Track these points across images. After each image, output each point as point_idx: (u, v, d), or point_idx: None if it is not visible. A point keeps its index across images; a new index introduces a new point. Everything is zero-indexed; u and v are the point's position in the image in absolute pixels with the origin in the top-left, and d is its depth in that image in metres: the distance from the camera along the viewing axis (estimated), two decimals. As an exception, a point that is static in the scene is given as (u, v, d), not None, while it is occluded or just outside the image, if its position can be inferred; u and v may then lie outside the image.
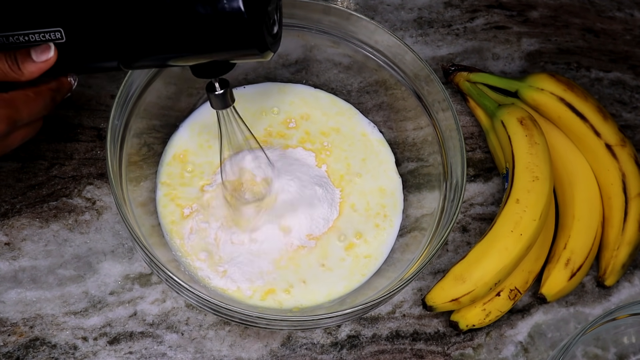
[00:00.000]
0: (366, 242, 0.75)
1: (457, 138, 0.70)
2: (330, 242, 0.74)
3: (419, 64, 0.73)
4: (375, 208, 0.76)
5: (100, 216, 0.75)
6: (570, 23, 0.93)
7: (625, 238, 0.78)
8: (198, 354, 0.71)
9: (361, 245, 0.74)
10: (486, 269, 0.72)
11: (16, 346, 0.69)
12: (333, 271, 0.73)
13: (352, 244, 0.74)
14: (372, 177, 0.78)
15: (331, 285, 0.72)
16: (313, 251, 0.73)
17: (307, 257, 0.73)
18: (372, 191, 0.77)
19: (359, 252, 0.74)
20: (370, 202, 0.76)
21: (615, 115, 0.89)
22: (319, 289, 0.72)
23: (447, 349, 0.75)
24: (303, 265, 0.72)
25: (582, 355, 0.75)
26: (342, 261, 0.73)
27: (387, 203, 0.77)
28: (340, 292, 0.72)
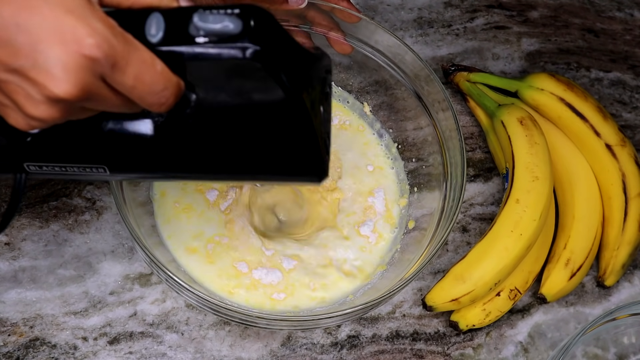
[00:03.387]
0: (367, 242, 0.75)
1: (457, 138, 0.70)
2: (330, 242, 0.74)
3: (419, 64, 0.73)
4: (375, 207, 0.76)
5: (100, 216, 0.75)
6: (570, 23, 0.93)
7: (625, 238, 0.78)
8: (198, 354, 0.71)
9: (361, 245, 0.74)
10: (486, 269, 0.72)
11: (16, 346, 0.69)
12: (333, 271, 0.73)
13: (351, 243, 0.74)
14: (371, 174, 0.77)
15: (331, 286, 0.72)
16: (314, 251, 0.73)
17: (308, 257, 0.73)
18: (373, 191, 0.77)
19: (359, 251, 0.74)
20: (371, 201, 0.76)
21: (615, 115, 0.89)
22: (319, 288, 0.72)
23: (447, 349, 0.75)
24: (304, 265, 0.73)
25: (582, 355, 0.75)
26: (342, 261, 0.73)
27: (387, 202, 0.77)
28: (340, 292, 0.72)
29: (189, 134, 0.52)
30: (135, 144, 0.52)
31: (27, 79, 0.44)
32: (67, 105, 0.45)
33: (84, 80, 0.44)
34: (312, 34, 0.75)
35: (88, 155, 0.53)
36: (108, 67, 0.44)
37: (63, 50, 0.43)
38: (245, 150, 0.52)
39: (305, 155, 0.52)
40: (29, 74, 0.44)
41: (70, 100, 0.44)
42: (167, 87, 0.47)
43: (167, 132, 0.52)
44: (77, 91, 0.44)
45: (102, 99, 0.46)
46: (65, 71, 0.43)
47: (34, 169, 0.53)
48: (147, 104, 0.47)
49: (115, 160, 0.53)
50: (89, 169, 0.53)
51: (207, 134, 0.52)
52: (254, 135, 0.51)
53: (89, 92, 0.45)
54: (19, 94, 0.45)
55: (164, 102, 0.47)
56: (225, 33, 0.45)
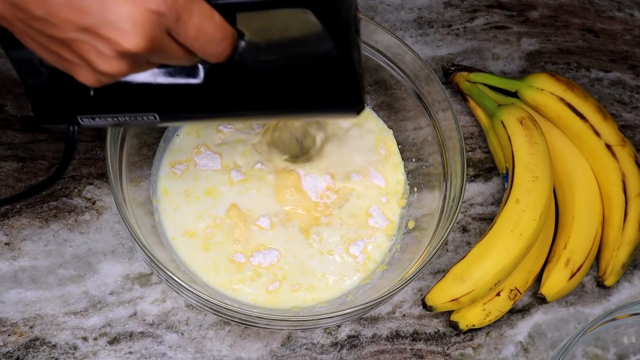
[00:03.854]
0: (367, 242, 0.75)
1: (457, 138, 0.70)
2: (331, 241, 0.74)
3: (419, 64, 0.73)
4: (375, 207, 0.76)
5: (100, 216, 0.75)
6: (570, 23, 0.93)
7: (625, 238, 0.78)
8: (198, 354, 0.71)
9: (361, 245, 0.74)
10: (486, 269, 0.72)
11: (16, 346, 0.69)
12: (333, 271, 0.73)
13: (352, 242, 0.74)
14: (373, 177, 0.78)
15: (331, 285, 0.72)
16: (314, 250, 0.73)
17: (309, 257, 0.73)
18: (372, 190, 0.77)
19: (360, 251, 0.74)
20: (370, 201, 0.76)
21: (615, 115, 0.89)
22: (319, 288, 0.72)
23: (447, 349, 0.75)
24: (304, 265, 0.73)
25: (582, 355, 0.75)
26: (342, 260, 0.73)
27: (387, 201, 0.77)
28: (340, 291, 0.72)
29: (236, 78, 0.55)
30: (184, 91, 0.55)
31: (97, 36, 0.46)
32: (135, 59, 0.48)
33: (152, 33, 0.46)
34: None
35: (140, 104, 0.56)
36: (173, 20, 0.47)
37: (131, 6, 0.45)
38: (289, 88, 0.55)
39: (346, 90, 0.55)
40: (100, 31, 0.46)
41: (139, 54, 0.47)
42: (225, 37, 0.49)
43: (215, 77, 0.55)
44: (146, 44, 0.46)
45: (166, 51, 0.48)
46: (134, 25, 0.46)
47: (87, 121, 0.57)
48: (207, 55, 0.50)
49: (165, 107, 0.56)
50: (140, 117, 0.56)
51: (253, 77, 0.55)
52: (298, 74, 0.54)
53: (156, 45, 0.47)
54: (89, 51, 0.47)
55: (222, 52, 0.50)
56: None
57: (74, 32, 0.46)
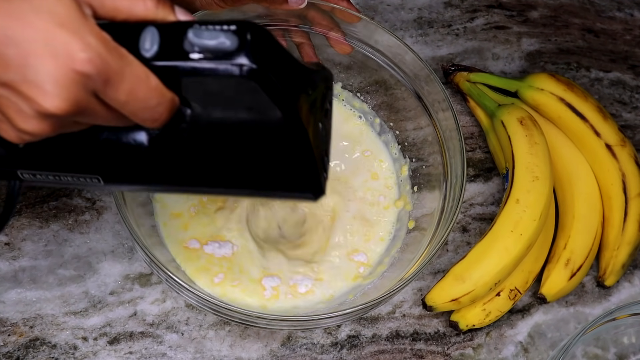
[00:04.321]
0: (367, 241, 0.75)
1: (457, 138, 0.70)
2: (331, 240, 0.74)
3: (419, 64, 0.73)
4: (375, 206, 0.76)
5: (100, 216, 0.75)
6: (570, 23, 0.93)
7: (625, 238, 0.78)
8: (198, 354, 0.71)
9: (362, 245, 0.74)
10: (486, 269, 0.72)
11: (16, 346, 0.69)
12: (333, 270, 0.73)
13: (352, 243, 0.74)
14: (372, 177, 0.78)
15: (331, 285, 0.72)
16: (314, 250, 0.73)
17: (310, 256, 0.73)
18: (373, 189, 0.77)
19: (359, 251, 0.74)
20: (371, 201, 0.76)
21: (615, 115, 0.89)
22: (319, 288, 0.72)
23: (447, 349, 0.75)
24: (304, 264, 0.73)
25: (582, 355, 0.75)
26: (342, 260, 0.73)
27: (387, 200, 0.77)
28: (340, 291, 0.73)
29: (184, 148, 0.51)
30: (129, 155, 0.51)
31: (17, 92, 0.43)
32: (58, 120, 0.45)
33: (76, 95, 0.43)
34: (312, 34, 0.75)
35: (82, 164, 0.52)
36: (100, 83, 0.43)
37: (54, 65, 0.42)
38: (240, 165, 0.51)
39: (301, 172, 0.51)
40: (19, 87, 0.43)
41: (61, 115, 0.44)
42: (161, 102, 0.46)
43: (162, 144, 0.51)
44: (68, 106, 0.43)
45: (94, 114, 0.45)
46: (56, 86, 0.42)
47: (28, 177, 0.53)
48: (140, 120, 0.46)
49: (109, 171, 0.52)
50: (83, 178, 0.53)
51: (202, 148, 0.51)
52: (250, 151, 0.50)
53: (81, 107, 0.44)
54: (9, 107, 0.44)
55: (158, 118, 0.47)
56: (221, 50, 0.44)
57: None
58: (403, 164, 0.78)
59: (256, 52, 0.44)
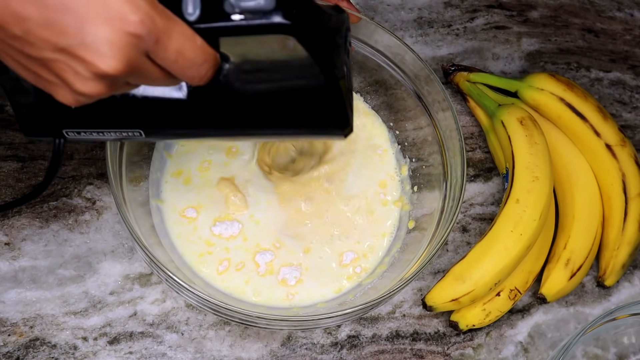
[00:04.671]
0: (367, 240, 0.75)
1: (457, 138, 0.70)
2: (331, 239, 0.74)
3: (419, 64, 0.73)
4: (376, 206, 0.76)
5: (100, 216, 0.75)
6: (570, 23, 0.93)
7: (625, 238, 0.78)
8: (198, 354, 0.71)
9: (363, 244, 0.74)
10: (486, 269, 0.72)
11: (16, 346, 0.69)
12: (333, 270, 0.73)
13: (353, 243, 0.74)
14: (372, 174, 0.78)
15: (331, 284, 0.72)
16: (314, 249, 0.73)
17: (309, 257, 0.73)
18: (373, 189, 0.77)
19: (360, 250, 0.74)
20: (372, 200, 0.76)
21: (615, 115, 0.89)
22: (319, 288, 0.72)
23: (447, 349, 0.75)
24: (304, 264, 0.73)
25: (582, 355, 0.75)
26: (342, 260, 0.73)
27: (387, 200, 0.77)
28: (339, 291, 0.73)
29: (221, 99, 0.55)
30: (169, 109, 0.55)
31: (75, 57, 0.45)
32: (112, 81, 0.47)
33: (130, 56, 0.46)
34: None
35: (125, 121, 0.56)
36: (152, 43, 0.46)
37: (109, 28, 0.45)
38: (274, 110, 0.56)
39: (331, 112, 0.55)
40: (76, 52, 0.45)
41: (116, 76, 0.46)
42: (206, 60, 0.49)
43: (200, 98, 0.55)
44: (123, 67, 0.46)
45: (145, 74, 0.48)
46: (111, 48, 0.45)
47: (73, 135, 0.57)
48: (187, 77, 0.49)
49: (150, 124, 0.57)
50: (125, 132, 0.57)
51: (238, 98, 0.55)
52: (283, 97, 0.55)
53: (134, 67, 0.47)
54: (67, 72, 0.46)
55: (204, 75, 0.49)
56: (259, 9, 0.48)
57: (51, 52, 0.46)
58: (403, 164, 0.78)
59: (291, 9, 0.48)
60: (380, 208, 0.76)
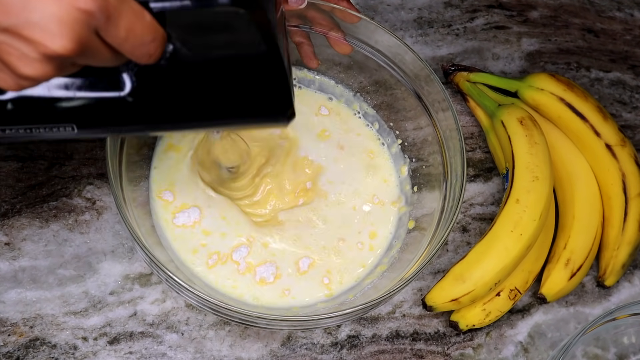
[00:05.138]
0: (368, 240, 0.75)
1: (457, 138, 0.70)
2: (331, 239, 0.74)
3: (419, 64, 0.73)
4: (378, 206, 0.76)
5: (100, 216, 0.75)
6: (570, 23, 0.93)
7: (625, 238, 0.78)
8: (198, 354, 0.71)
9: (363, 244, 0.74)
10: (486, 269, 0.72)
11: (16, 346, 0.69)
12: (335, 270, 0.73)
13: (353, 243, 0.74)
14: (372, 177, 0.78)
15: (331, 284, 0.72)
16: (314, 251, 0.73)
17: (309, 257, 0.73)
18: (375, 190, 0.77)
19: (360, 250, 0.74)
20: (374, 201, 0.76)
21: (615, 115, 0.89)
22: (320, 287, 0.72)
23: (447, 349, 0.75)
24: (304, 263, 0.73)
25: (582, 355, 0.75)
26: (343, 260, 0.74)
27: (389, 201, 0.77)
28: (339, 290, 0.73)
29: (162, 86, 0.52)
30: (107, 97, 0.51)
31: (20, 37, 0.43)
32: (61, 62, 0.45)
33: (80, 34, 0.43)
34: (312, 34, 0.75)
35: (56, 115, 0.52)
36: (103, 20, 0.44)
37: (57, 5, 0.42)
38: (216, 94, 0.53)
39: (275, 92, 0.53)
40: (22, 32, 0.43)
41: (66, 56, 0.44)
42: (155, 37, 0.47)
43: (140, 85, 0.52)
44: (74, 45, 0.43)
45: (94, 53, 0.45)
46: (61, 26, 0.42)
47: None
48: (136, 56, 0.47)
49: (84, 118, 0.52)
50: (56, 128, 0.52)
51: (180, 83, 0.52)
52: (227, 80, 0.52)
53: (84, 46, 0.44)
54: (10, 54, 0.44)
55: (153, 53, 0.47)
56: None
57: None
58: (403, 164, 0.78)
59: None
60: (380, 208, 0.76)
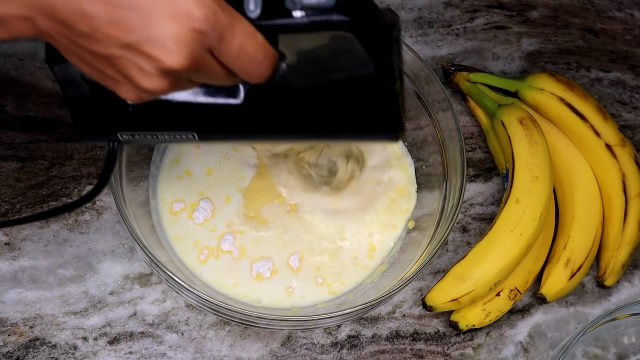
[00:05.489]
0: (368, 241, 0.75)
1: (457, 138, 0.70)
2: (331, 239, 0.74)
3: (419, 64, 0.73)
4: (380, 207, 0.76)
5: (100, 216, 0.75)
6: (570, 23, 0.93)
7: (625, 238, 0.78)
8: (198, 354, 0.71)
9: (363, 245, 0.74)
10: (486, 269, 0.72)
11: (16, 346, 0.69)
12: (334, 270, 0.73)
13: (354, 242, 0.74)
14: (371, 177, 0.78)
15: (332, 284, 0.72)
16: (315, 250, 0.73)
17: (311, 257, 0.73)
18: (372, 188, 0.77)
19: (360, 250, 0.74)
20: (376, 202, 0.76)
21: (615, 115, 0.89)
22: (320, 287, 0.72)
23: (447, 349, 0.75)
24: (305, 263, 0.73)
25: (582, 355, 0.75)
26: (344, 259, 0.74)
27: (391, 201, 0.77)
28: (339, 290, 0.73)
29: (275, 100, 0.55)
30: (224, 110, 0.56)
31: (140, 53, 0.46)
32: (176, 77, 0.48)
33: (195, 51, 0.47)
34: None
35: (179, 123, 0.56)
36: (215, 39, 0.47)
37: (174, 24, 0.45)
38: (328, 111, 0.55)
39: (385, 113, 0.55)
40: (142, 48, 0.46)
41: (181, 72, 0.47)
42: (267, 57, 0.49)
43: (255, 98, 0.55)
44: (188, 62, 0.47)
45: (207, 70, 0.49)
46: (177, 44, 0.46)
47: (127, 138, 0.57)
48: (248, 75, 0.50)
49: (204, 127, 0.57)
50: (179, 135, 0.57)
51: (293, 99, 0.55)
52: (338, 97, 0.54)
53: (198, 63, 0.47)
54: (131, 68, 0.47)
55: (263, 73, 0.50)
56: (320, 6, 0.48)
57: (117, 48, 0.46)
58: (403, 164, 0.78)
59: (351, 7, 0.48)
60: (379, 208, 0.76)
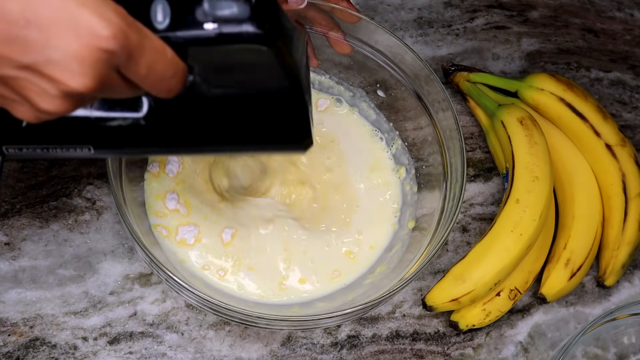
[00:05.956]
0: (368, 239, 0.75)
1: (457, 138, 0.70)
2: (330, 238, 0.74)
3: (419, 64, 0.73)
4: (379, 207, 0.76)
5: (100, 216, 0.75)
6: (570, 23, 0.93)
7: (625, 238, 0.78)
8: (198, 354, 0.72)
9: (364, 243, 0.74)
10: (486, 269, 0.72)
11: (16, 346, 0.69)
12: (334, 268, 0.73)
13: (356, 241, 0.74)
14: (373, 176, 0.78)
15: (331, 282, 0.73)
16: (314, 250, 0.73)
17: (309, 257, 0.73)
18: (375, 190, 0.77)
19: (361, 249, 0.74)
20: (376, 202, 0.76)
21: (615, 115, 0.89)
22: (320, 286, 0.72)
23: (447, 349, 0.75)
24: (305, 263, 0.73)
25: (582, 355, 0.75)
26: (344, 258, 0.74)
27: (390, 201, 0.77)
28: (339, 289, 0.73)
29: (181, 112, 0.53)
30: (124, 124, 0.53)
31: (40, 74, 0.43)
32: (80, 98, 0.45)
33: (101, 72, 0.43)
34: (312, 34, 0.75)
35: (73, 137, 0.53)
36: (124, 58, 0.43)
37: (78, 44, 0.42)
38: (236, 123, 0.54)
39: (295, 123, 0.55)
40: (43, 70, 0.43)
41: (86, 93, 0.44)
42: (176, 73, 0.47)
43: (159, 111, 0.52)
44: (95, 84, 0.43)
45: (114, 89, 0.46)
46: (82, 65, 0.42)
47: (13, 152, 0.53)
48: (156, 91, 0.47)
49: (101, 140, 0.53)
50: (72, 149, 0.53)
51: (198, 111, 0.53)
52: (247, 109, 0.53)
53: (105, 84, 0.44)
54: (30, 89, 0.44)
55: (173, 88, 0.47)
56: (233, 18, 0.46)
57: (12, 69, 0.43)
58: (402, 164, 0.78)
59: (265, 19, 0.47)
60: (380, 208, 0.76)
